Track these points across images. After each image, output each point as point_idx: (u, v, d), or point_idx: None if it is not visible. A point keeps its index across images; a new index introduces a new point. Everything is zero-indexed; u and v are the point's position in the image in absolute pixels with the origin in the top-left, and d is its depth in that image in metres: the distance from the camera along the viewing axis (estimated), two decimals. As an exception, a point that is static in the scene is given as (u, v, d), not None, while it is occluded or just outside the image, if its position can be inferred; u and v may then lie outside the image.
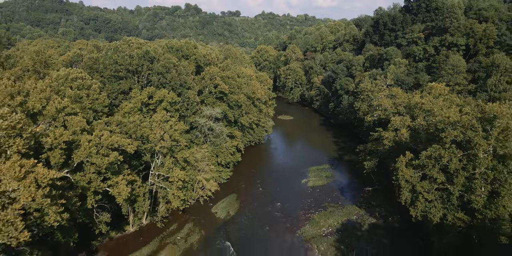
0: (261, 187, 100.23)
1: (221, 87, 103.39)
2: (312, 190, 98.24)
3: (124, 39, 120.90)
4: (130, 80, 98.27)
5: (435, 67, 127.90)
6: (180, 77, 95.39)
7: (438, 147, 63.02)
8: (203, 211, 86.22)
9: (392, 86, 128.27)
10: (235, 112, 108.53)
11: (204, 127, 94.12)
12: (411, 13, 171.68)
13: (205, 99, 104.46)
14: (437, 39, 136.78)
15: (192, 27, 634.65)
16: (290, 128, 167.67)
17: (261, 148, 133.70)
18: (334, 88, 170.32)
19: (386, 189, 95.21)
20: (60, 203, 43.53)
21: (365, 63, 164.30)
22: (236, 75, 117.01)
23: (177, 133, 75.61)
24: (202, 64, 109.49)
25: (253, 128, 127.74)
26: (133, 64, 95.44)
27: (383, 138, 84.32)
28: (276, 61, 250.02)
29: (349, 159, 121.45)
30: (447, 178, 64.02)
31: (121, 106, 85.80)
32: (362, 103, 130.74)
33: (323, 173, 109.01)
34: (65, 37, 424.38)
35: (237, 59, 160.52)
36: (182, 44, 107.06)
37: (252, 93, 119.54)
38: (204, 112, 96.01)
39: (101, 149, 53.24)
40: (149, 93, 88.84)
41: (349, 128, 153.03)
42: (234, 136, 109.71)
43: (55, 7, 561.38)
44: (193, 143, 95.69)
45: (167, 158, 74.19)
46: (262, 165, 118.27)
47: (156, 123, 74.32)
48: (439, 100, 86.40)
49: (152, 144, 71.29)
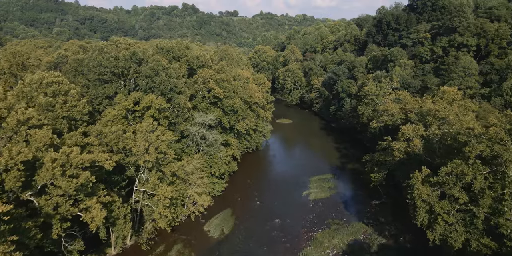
0: (258, 200, 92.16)
1: (215, 91, 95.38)
2: (314, 203, 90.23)
3: (112, 39, 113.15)
4: (116, 84, 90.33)
5: (444, 69, 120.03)
6: (170, 81, 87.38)
7: (460, 163, 55.12)
8: (195, 229, 78.12)
9: (398, 89, 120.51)
10: (230, 118, 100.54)
11: (196, 135, 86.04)
12: (415, 12, 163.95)
13: (197, 105, 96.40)
14: (445, 39, 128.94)
15: (189, 27, 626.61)
16: (289, 133, 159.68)
17: (258, 155, 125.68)
18: (335, 90, 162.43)
19: (394, 202, 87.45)
20: (11, 240, 35.44)
21: (368, 64, 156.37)
22: (232, 78, 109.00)
23: (164, 144, 67.54)
24: (195, 66, 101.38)
25: (250, 134, 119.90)
26: (119, 67, 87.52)
27: (392, 148, 76.26)
28: (274, 62, 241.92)
29: (353, 168, 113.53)
30: (471, 198, 56.14)
31: (104, 113, 77.79)
32: (366, 108, 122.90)
33: (326, 184, 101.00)
34: (59, 37, 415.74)
35: (233, 60, 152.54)
36: (173, 45, 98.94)
37: (249, 97, 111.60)
38: (196, 119, 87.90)
39: (69, 169, 45.11)
40: (135, 99, 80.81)
41: (352, 133, 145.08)
42: (229, 144, 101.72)
43: (50, 6, 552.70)
44: (184, 153, 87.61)
45: (153, 173, 66.03)
46: (260, 175, 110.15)
47: (141, 134, 66.22)
48: (454, 107, 78.47)
49: (135, 158, 63.21)
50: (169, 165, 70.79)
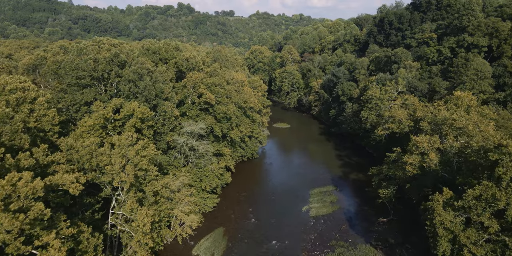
0: (253, 217, 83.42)
1: (206, 96, 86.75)
2: (315, 221, 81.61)
3: (94, 39, 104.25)
4: (96, 89, 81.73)
5: (453, 72, 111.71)
6: (156, 86, 78.63)
7: (491, 185, 46.68)
8: (182, 253, 69.33)
9: (404, 93, 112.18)
10: (223, 126, 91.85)
11: (184, 146, 77.31)
12: (419, 11, 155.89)
13: (187, 111, 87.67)
14: (453, 39, 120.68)
15: (184, 27, 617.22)
16: (287, 138, 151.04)
17: (254, 164, 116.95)
18: (336, 93, 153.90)
19: (404, 219, 79.15)
20: None
21: (370, 66, 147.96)
22: (225, 81, 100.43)
23: (145, 160, 58.74)
24: (184, 69, 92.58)
25: (245, 141, 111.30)
26: (99, 70, 78.87)
27: (404, 162, 67.68)
28: (271, 62, 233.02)
29: (356, 178, 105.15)
30: (502, 226, 47.73)
31: (79, 123, 68.99)
32: (369, 113, 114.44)
33: (327, 198, 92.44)
34: (51, 37, 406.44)
35: (227, 62, 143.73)
36: (160, 46, 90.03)
37: (244, 102, 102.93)
38: (184, 129, 79.10)
39: (15, 202, 36.29)
40: (115, 106, 72.13)
41: (353, 138, 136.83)
42: (222, 154, 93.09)
43: (43, 6, 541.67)
44: (171, 166, 78.87)
45: (131, 194, 57.16)
46: (256, 187, 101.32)
47: (118, 149, 57.41)
48: (473, 115, 70.04)
49: (109, 178, 54.43)
50: (151, 183, 61.98)
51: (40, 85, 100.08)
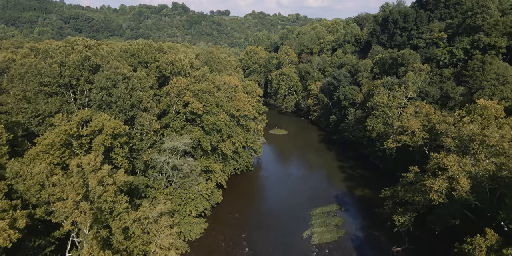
0: (247, 245, 72.01)
1: (192, 105, 75.43)
2: (318, 250, 70.39)
3: (67, 39, 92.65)
4: (63, 98, 70.29)
5: (468, 76, 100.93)
6: (133, 94, 67.22)
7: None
8: (160, 296, 57.97)
9: (414, 100, 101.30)
10: (212, 139, 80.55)
11: (164, 166, 65.93)
12: (425, 9, 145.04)
13: (170, 123, 76.21)
14: (467, 39, 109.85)
15: (179, 26, 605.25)
16: (285, 147, 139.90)
17: (248, 178, 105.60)
18: (336, 97, 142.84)
19: (421, 249, 68.07)
20: None
21: (373, 68, 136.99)
22: (216, 87, 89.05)
23: (111, 190, 47.33)
24: (168, 74, 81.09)
25: (239, 152, 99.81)
26: (65, 76, 67.44)
27: (428, 187, 56.52)
28: (267, 64, 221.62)
29: (362, 195, 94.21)
30: None
31: (37, 140, 57.48)
32: (376, 121, 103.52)
33: (331, 220, 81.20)
34: (40, 37, 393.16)
35: (220, 64, 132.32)
36: (140, 47, 78.43)
37: (237, 111, 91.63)
38: (165, 145, 67.65)
39: None
40: (82, 119, 60.81)
41: (357, 147, 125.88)
42: (212, 170, 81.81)
43: (33, 5, 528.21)
44: (151, 188, 67.48)
45: (90, 235, 45.74)
46: (250, 206, 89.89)
47: (76, 177, 45.98)
48: (505, 130, 59.04)
49: (61, 217, 43.04)
50: (120, 216, 50.55)
51: (8, 91, 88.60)
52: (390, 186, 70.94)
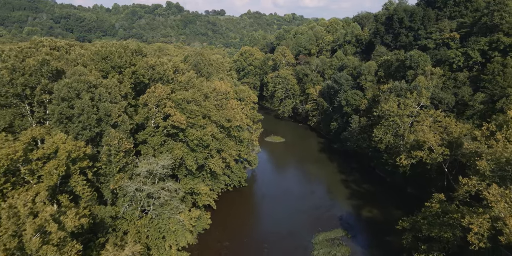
0: (239, 285, 60.89)
1: (174, 118, 63.94)
2: (323, 291, 59.20)
3: (33, 40, 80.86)
4: (17, 110, 58.82)
5: (487, 80, 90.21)
6: (100, 106, 55.69)
7: None
8: None
9: (427, 108, 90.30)
10: (198, 156, 69.14)
11: (136, 194, 54.40)
12: (433, 7, 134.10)
13: (148, 139, 64.68)
14: (484, 40, 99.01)
15: (173, 26, 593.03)
16: (282, 157, 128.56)
17: (242, 195, 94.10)
18: (337, 103, 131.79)
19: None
20: None
21: (378, 71, 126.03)
22: (203, 94, 77.52)
23: (55, 239, 35.85)
24: (147, 80, 69.60)
25: (231, 167, 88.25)
26: (18, 84, 55.86)
27: (463, 226, 45.34)
28: (262, 65, 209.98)
29: (370, 216, 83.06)
30: None
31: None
32: (384, 131, 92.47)
33: (336, 249, 69.78)
34: (29, 38, 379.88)
35: (211, 67, 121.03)
36: (112, 50, 66.68)
37: (227, 121, 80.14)
38: (139, 169, 56.09)
39: None
40: (32, 139, 49.28)
41: (360, 157, 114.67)
42: (198, 193, 70.37)
43: (23, 4, 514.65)
44: (122, 219, 56.00)
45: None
46: (242, 232, 78.06)
47: (12, 220, 34.49)
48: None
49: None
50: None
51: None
52: (401, 206, 60.75)
